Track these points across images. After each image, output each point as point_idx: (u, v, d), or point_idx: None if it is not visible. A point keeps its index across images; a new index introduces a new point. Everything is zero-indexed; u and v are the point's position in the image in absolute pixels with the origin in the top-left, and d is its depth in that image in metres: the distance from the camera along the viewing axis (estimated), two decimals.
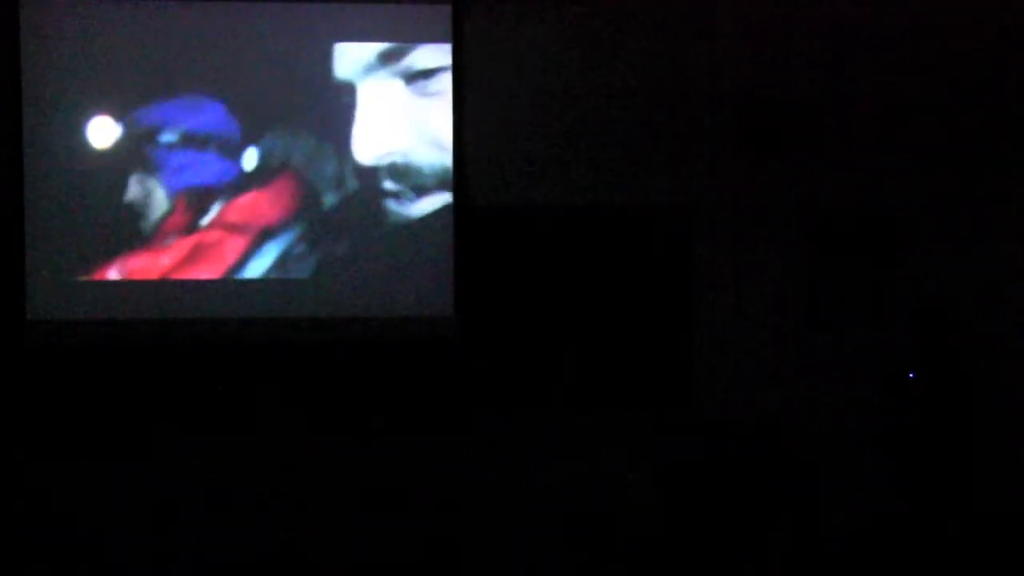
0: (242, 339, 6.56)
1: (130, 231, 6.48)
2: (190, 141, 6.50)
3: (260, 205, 6.56)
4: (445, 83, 6.67)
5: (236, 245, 6.55)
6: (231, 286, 6.55)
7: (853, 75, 6.89)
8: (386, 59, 6.62)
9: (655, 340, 6.83)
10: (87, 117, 6.45)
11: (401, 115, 6.64)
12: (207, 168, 6.53)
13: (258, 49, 6.54)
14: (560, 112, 6.78)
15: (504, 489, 6.68)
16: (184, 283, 6.51)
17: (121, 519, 6.35)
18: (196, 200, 6.51)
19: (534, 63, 6.76)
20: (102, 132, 6.46)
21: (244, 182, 6.55)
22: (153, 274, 6.49)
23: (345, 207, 6.61)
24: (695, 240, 6.85)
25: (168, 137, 6.50)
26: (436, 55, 6.65)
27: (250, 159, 6.55)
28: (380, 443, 6.66)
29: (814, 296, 6.88)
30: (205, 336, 6.54)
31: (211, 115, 6.52)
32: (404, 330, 6.64)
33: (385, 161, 6.64)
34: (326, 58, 6.58)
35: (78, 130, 6.44)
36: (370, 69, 6.62)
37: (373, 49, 6.61)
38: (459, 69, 6.68)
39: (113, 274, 6.47)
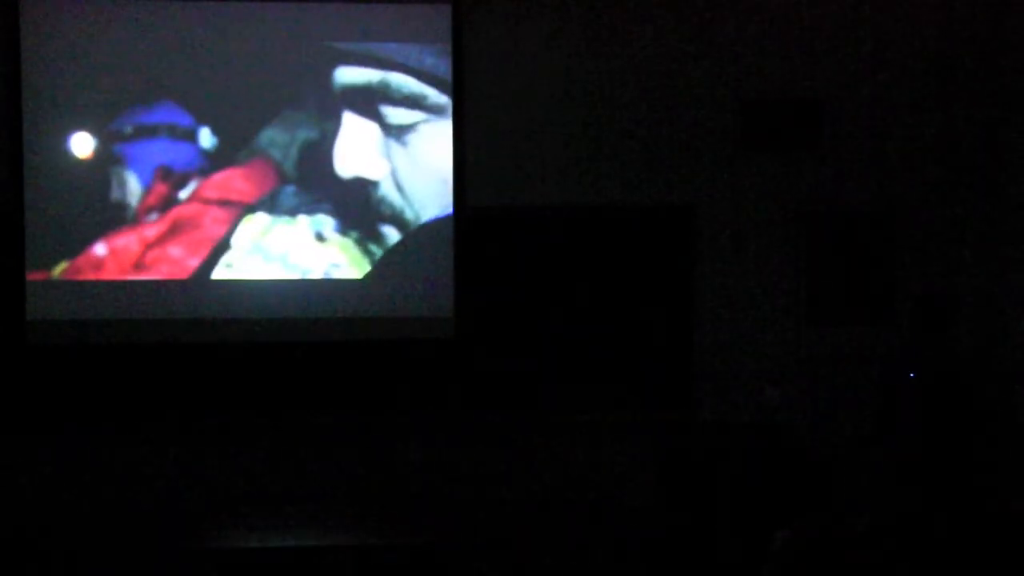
0: (242, 339, 6.55)
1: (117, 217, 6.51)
2: (185, 135, 6.51)
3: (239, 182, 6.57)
4: (444, 84, 6.67)
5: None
6: (232, 286, 6.54)
7: (853, 75, 6.89)
8: (386, 60, 6.64)
9: (655, 340, 6.82)
10: (87, 116, 6.44)
11: (401, 115, 6.65)
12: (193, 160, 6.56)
13: (257, 50, 6.54)
14: (560, 112, 6.78)
15: (503, 489, 6.69)
16: (185, 283, 6.51)
17: (121, 518, 6.36)
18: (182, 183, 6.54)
19: (534, 63, 6.76)
20: (102, 132, 6.46)
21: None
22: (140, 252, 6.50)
23: (344, 207, 6.61)
24: (695, 240, 6.85)
25: (163, 138, 6.51)
26: (435, 56, 6.66)
27: (241, 155, 6.57)
28: (379, 442, 6.67)
29: (814, 296, 6.88)
30: (205, 336, 6.53)
31: (207, 114, 6.52)
32: (404, 330, 6.63)
33: (385, 161, 6.64)
34: (325, 59, 6.58)
35: (78, 129, 6.44)
36: (371, 71, 6.63)
37: (373, 51, 6.62)
38: (459, 69, 6.67)
39: (101, 249, 6.47)
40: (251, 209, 6.55)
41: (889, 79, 6.91)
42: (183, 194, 6.50)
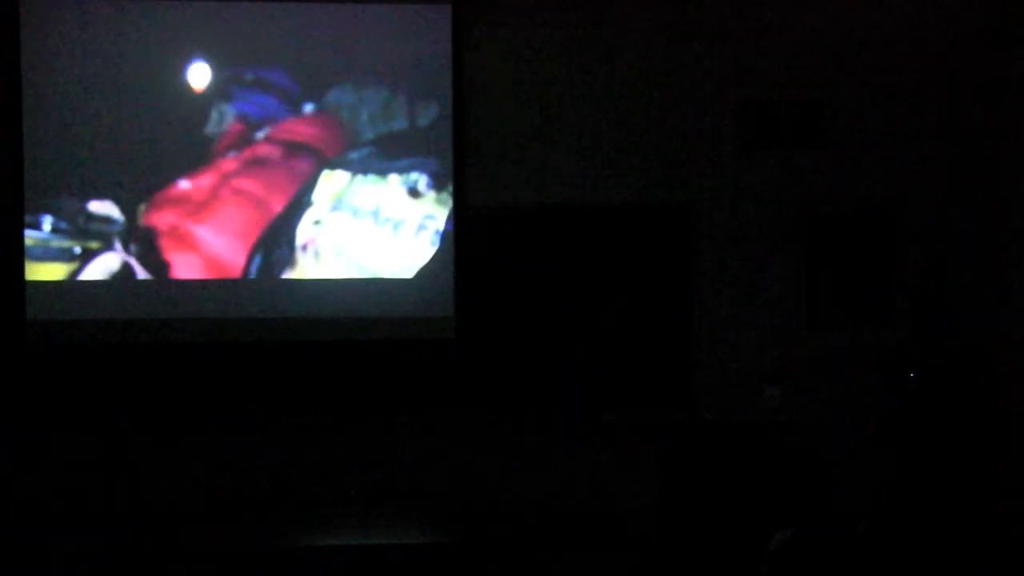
0: (242, 339, 6.55)
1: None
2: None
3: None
4: (445, 82, 6.66)
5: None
6: (231, 286, 6.55)
7: (853, 75, 6.89)
8: (384, 60, 6.64)
9: (655, 340, 6.83)
10: (87, 116, 6.45)
11: (401, 114, 6.65)
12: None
13: (255, 50, 6.54)
14: (560, 112, 6.78)
15: (503, 489, 6.69)
16: (184, 283, 6.51)
17: (121, 519, 6.36)
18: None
19: (534, 63, 6.76)
20: (102, 131, 6.47)
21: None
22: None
23: (345, 207, 6.61)
24: (695, 240, 6.86)
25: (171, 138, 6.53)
26: (435, 56, 6.66)
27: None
28: (380, 442, 6.67)
29: (814, 296, 6.88)
30: (206, 336, 6.54)
31: (208, 113, 6.53)
32: (404, 330, 6.63)
33: (385, 160, 6.64)
34: (324, 59, 6.59)
35: (78, 129, 6.44)
36: (368, 69, 6.63)
37: (369, 50, 6.62)
38: (459, 69, 6.67)
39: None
40: (329, 167, 6.59)
41: (889, 79, 6.91)
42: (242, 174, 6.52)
